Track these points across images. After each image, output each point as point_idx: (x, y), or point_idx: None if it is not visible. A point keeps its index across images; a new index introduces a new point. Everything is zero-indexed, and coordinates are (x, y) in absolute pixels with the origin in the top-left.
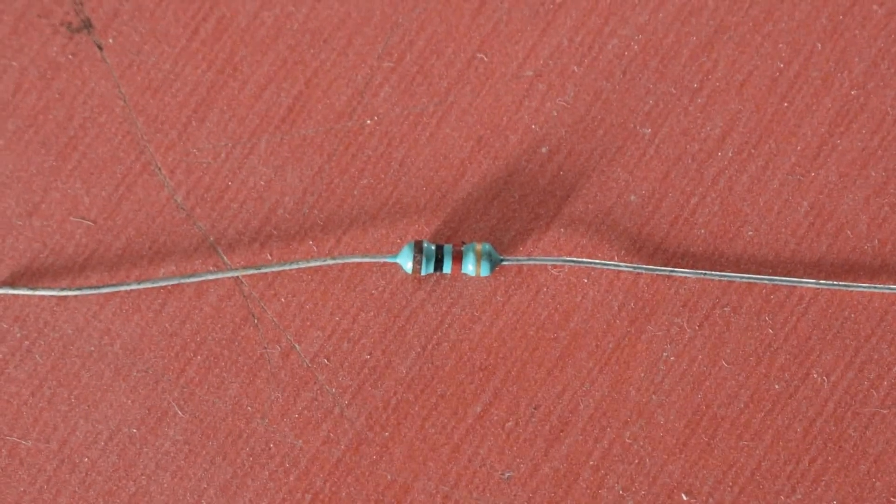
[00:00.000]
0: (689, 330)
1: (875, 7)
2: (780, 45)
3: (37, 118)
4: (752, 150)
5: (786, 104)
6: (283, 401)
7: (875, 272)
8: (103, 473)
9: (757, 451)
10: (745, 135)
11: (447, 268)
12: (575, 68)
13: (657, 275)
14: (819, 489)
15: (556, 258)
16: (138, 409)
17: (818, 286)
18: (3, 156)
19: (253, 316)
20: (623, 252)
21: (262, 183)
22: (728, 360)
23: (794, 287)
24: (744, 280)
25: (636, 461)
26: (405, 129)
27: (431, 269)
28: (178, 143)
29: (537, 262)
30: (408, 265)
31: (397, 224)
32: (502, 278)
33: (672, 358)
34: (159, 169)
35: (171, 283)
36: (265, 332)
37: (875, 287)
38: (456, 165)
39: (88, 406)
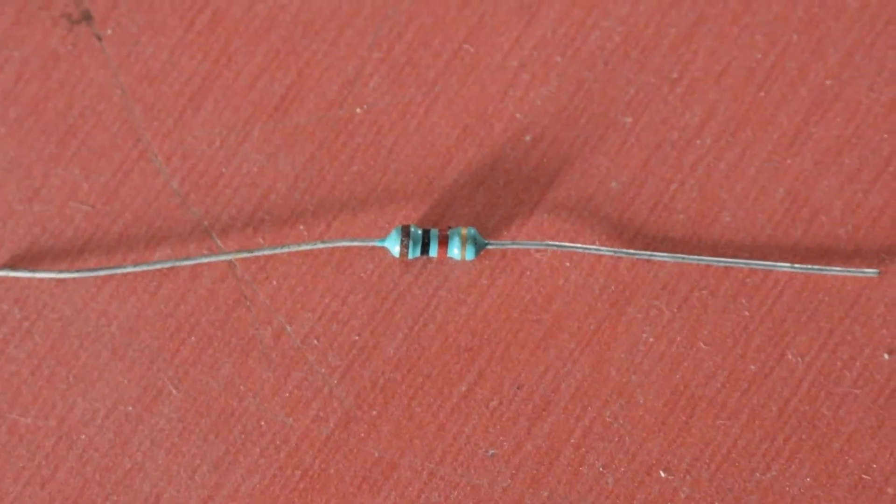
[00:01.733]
0: (667, 312)
1: (849, 0)
2: (758, 37)
3: (37, 107)
4: (730, 139)
5: (762, 94)
6: (275, 380)
7: (848, 256)
8: (100, 450)
9: (733, 430)
10: (722, 123)
11: (433, 251)
12: (558, 59)
13: (637, 259)
14: (793, 466)
15: (539, 242)
16: (134, 388)
17: (793, 270)
18: (4, 143)
19: (245, 298)
20: (604, 237)
21: (255, 169)
22: (705, 342)
23: (770, 271)
24: (721, 264)
25: (616, 439)
26: (394, 118)
27: (418, 253)
28: (174, 131)
29: (521, 247)
30: (395, 249)
31: (386, 209)
32: (487, 262)
33: (651, 339)
34: (156, 156)
35: (166, 266)
36: (257, 313)
37: (848, 271)
38: (443, 153)
39: (86, 385)
